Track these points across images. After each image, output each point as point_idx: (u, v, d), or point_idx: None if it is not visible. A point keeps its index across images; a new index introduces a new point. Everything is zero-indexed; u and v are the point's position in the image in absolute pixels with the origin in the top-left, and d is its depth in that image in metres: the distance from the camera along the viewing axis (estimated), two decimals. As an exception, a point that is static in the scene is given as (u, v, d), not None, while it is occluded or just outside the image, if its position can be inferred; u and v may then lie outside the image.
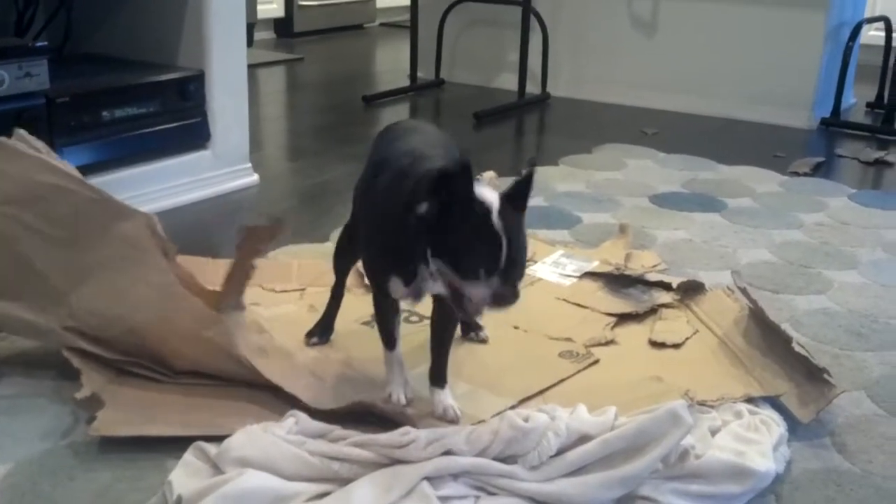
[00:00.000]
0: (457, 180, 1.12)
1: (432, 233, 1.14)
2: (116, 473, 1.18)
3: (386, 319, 1.35)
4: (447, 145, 1.36)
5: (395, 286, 1.24)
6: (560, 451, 1.15)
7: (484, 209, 1.12)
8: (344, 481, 1.12)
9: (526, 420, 1.16)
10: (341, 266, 1.52)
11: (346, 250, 1.50)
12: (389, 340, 1.36)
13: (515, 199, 1.16)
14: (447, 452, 1.13)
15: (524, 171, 1.18)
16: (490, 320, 1.56)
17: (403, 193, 1.19)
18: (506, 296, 1.13)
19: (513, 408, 1.31)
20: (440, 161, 1.23)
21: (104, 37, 2.44)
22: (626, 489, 1.12)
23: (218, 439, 1.18)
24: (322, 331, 1.53)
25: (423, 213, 1.14)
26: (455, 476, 1.13)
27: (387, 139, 1.39)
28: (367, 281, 1.47)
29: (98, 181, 2.00)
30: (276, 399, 1.32)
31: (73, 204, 1.37)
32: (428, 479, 1.11)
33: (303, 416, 1.23)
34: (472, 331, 1.54)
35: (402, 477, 1.10)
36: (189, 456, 1.17)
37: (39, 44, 1.96)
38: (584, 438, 1.16)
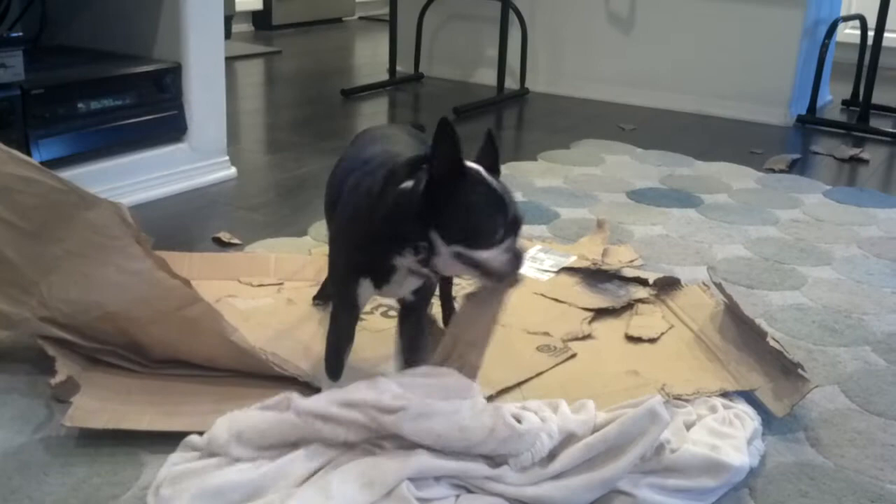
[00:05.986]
0: (446, 144, 1.07)
1: (424, 215, 1.09)
2: (91, 467, 1.17)
3: (340, 339, 1.26)
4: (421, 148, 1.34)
5: (365, 290, 1.20)
6: (550, 453, 1.15)
7: (477, 174, 1.11)
8: (327, 442, 1.11)
9: (519, 420, 1.15)
10: None
11: None
12: (336, 368, 1.25)
13: (490, 163, 1.15)
14: (436, 437, 1.11)
15: (484, 137, 1.17)
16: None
17: (377, 182, 1.15)
18: (520, 254, 1.12)
19: (490, 398, 1.31)
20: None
21: (80, 28, 2.42)
22: (607, 489, 1.13)
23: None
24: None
25: (408, 190, 1.10)
26: (437, 478, 1.12)
27: (357, 146, 1.34)
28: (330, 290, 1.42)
29: (73, 174, 2.00)
30: (255, 387, 1.31)
31: (39, 194, 1.36)
32: (410, 479, 1.10)
33: (296, 395, 1.18)
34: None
35: (383, 475, 1.08)
36: (176, 457, 1.15)
37: (14, 34, 1.94)
38: (570, 437, 1.16)
